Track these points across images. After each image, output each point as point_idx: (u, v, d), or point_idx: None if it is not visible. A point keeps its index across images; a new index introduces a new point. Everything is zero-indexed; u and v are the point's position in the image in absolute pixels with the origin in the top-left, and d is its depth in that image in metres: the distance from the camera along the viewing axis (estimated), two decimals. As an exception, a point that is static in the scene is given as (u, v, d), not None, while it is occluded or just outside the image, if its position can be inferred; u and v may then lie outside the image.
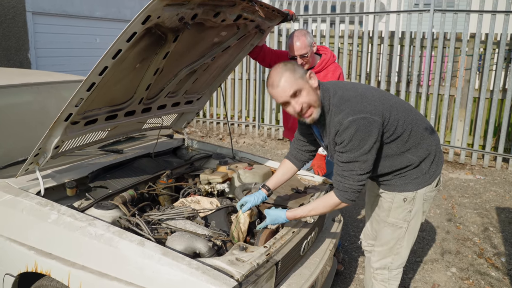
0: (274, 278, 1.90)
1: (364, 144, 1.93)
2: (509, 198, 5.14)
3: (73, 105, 1.92)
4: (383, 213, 2.29)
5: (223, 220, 2.18)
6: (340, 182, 2.02)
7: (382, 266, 2.35)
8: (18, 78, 3.04)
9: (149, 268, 1.68)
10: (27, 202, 2.03)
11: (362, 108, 1.95)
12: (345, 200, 2.03)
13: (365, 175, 2.00)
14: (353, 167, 1.97)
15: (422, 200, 2.20)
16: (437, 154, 2.22)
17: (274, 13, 2.60)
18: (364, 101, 1.99)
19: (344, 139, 1.94)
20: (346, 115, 1.94)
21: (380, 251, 2.35)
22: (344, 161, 1.99)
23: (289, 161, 2.44)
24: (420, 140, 2.13)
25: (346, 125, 1.92)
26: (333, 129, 2.00)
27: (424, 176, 2.17)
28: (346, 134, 1.92)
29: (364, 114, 1.94)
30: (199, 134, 8.19)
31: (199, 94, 3.08)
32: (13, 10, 7.45)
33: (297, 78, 1.96)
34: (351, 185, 1.99)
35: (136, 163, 2.76)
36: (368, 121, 1.93)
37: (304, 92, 1.97)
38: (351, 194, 2.01)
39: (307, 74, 2.02)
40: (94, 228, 1.85)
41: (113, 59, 1.81)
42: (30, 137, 2.52)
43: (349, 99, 2.00)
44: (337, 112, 1.99)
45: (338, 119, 1.96)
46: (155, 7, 1.71)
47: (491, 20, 5.86)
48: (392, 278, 2.36)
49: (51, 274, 1.84)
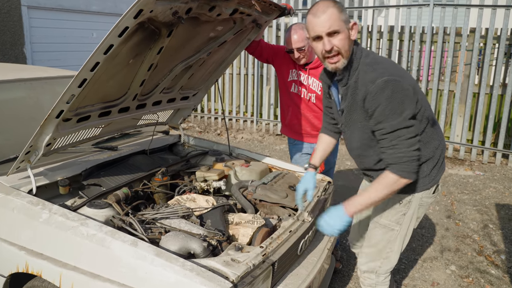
0: (271, 278, 1.86)
1: (404, 109, 1.80)
2: (509, 194, 5.11)
3: (64, 101, 1.88)
4: (375, 214, 2.23)
5: (219, 219, 2.14)
6: (390, 155, 1.87)
7: (369, 269, 2.28)
8: (12, 74, 2.98)
9: (142, 269, 1.64)
10: (18, 201, 1.98)
11: (398, 72, 1.86)
12: (403, 174, 1.85)
13: (415, 138, 1.85)
14: (399, 133, 1.83)
15: (417, 205, 2.13)
16: (440, 159, 2.13)
17: (271, 7, 2.54)
18: (399, 68, 1.90)
19: (380, 102, 1.81)
20: (381, 74, 1.83)
21: (368, 253, 2.28)
22: (388, 131, 1.85)
23: (325, 134, 2.38)
24: (429, 139, 2.04)
25: (380, 85, 1.80)
26: (363, 89, 1.87)
27: (424, 179, 2.08)
28: (382, 96, 1.80)
29: (400, 78, 1.83)
30: (197, 130, 8.14)
31: (195, 90, 3.03)
32: (8, 4, 7.37)
33: (341, 20, 1.85)
34: (403, 153, 1.84)
35: (131, 160, 2.72)
36: (403, 87, 1.81)
37: (340, 36, 1.86)
38: (407, 164, 1.84)
39: (351, 23, 1.90)
40: (86, 228, 1.81)
41: (105, 54, 1.76)
42: (24, 134, 2.47)
43: (383, 62, 1.91)
44: (369, 70, 1.87)
45: (371, 77, 1.84)
46: (147, 1, 1.66)
47: (491, 15, 5.80)
48: (379, 283, 2.29)
49: (42, 274, 1.80)
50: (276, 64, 3.23)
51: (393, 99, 1.79)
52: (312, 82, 3.07)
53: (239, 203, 2.42)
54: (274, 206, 2.37)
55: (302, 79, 3.09)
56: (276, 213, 2.37)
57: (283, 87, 3.26)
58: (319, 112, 3.16)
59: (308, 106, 3.16)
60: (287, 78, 3.17)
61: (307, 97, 3.13)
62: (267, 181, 2.56)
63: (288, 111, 3.28)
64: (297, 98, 3.17)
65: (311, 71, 3.06)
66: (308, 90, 3.10)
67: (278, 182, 2.58)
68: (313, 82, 3.07)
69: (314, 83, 3.07)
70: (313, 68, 3.06)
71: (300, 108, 3.19)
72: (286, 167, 2.99)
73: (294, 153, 3.38)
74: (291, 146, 3.42)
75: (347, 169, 5.96)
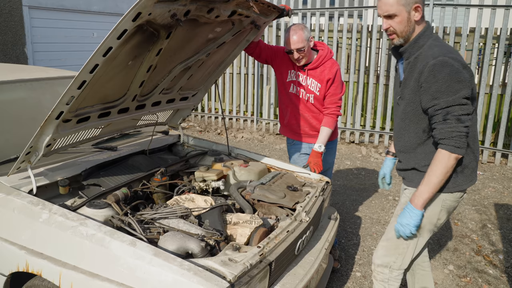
0: (268, 278, 1.88)
1: (461, 88, 1.87)
2: (508, 194, 5.12)
3: (64, 103, 1.89)
4: (399, 207, 2.26)
5: (217, 219, 2.16)
6: (441, 130, 1.92)
7: (384, 263, 2.31)
8: (12, 74, 3.00)
9: (140, 269, 1.66)
10: (19, 201, 2.01)
11: (460, 59, 1.92)
12: (452, 149, 1.90)
13: (467, 116, 1.89)
14: (452, 110, 1.89)
15: (439, 206, 2.13)
16: (471, 165, 2.11)
17: (269, 9, 2.56)
18: (463, 60, 1.95)
19: (438, 79, 1.88)
20: (444, 53, 1.91)
21: (385, 246, 2.30)
22: (442, 107, 1.90)
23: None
24: (470, 139, 2.04)
25: (441, 62, 1.88)
26: (423, 63, 1.95)
27: (448, 183, 2.07)
28: (441, 73, 1.87)
29: (461, 65, 1.90)
30: (197, 129, 8.16)
31: (195, 91, 3.05)
32: (9, 5, 7.40)
33: (400, 4, 1.98)
34: (453, 128, 1.89)
35: (131, 161, 2.74)
36: (462, 71, 1.88)
37: (397, 19, 2.01)
38: (456, 140, 1.89)
39: (414, 5, 2.00)
40: (86, 227, 1.83)
41: (104, 56, 1.78)
42: (24, 134, 2.49)
43: (450, 47, 1.99)
44: (434, 46, 1.96)
45: (433, 52, 1.93)
46: (146, 4, 1.68)
47: (491, 15, 5.81)
48: (392, 278, 2.32)
49: (42, 274, 1.82)
50: (275, 65, 3.25)
51: (451, 77, 1.87)
52: (311, 83, 3.09)
53: (237, 203, 2.44)
54: (272, 206, 2.38)
55: (301, 80, 3.11)
56: (274, 213, 2.39)
57: (281, 88, 3.28)
58: (317, 112, 3.18)
59: (307, 107, 3.18)
60: (286, 79, 3.19)
61: (305, 98, 3.14)
62: (265, 181, 2.58)
63: (287, 112, 3.30)
64: (296, 99, 3.19)
65: (310, 72, 3.08)
66: (306, 90, 3.12)
67: (277, 183, 2.60)
68: (312, 83, 3.09)
69: (312, 84, 3.09)
70: (312, 69, 3.07)
71: (298, 109, 3.21)
72: (284, 167, 3.01)
73: (292, 153, 3.40)
74: (289, 146, 3.44)
75: (346, 169, 5.98)
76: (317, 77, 3.08)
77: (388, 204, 4.71)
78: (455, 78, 1.87)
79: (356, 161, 6.37)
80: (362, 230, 4.07)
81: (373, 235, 3.97)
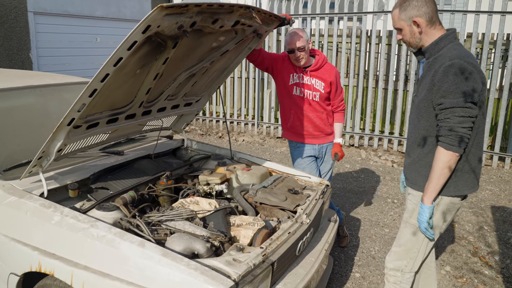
0: (270, 277, 1.96)
1: (468, 92, 1.94)
2: (504, 197, 5.21)
3: (76, 110, 1.98)
4: (406, 214, 2.33)
5: (221, 221, 2.24)
6: (442, 127, 2.02)
7: (396, 267, 2.39)
8: (21, 81, 3.09)
9: (149, 269, 1.74)
10: (31, 204, 2.09)
11: (476, 64, 2.01)
12: (447, 146, 2.00)
13: (469, 118, 1.97)
14: (455, 110, 1.98)
15: (445, 209, 2.21)
16: (475, 169, 2.18)
17: (271, 18, 2.65)
18: (481, 69, 2.05)
19: (449, 79, 1.97)
20: (460, 56, 2.00)
21: (397, 252, 2.38)
22: (446, 107, 2.00)
23: None
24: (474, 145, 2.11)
25: (456, 65, 1.96)
26: (439, 62, 2.04)
27: (449, 185, 2.14)
28: (453, 74, 1.96)
29: (477, 71, 1.98)
30: (199, 132, 8.25)
31: (198, 96, 3.14)
32: (15, 11, 7.50)
33: (401, 19, 2.17)
34: (452, 126, 1.98)
35: (137, 165, 2.82)
36: (475, 76, 1.96)
37: (403, 32, 2.19)
38: (452, 138, 1.98)
39: (413, 20, 2.12)
40: (96, 229, 1.92)
41: (114, 66, 1.87)
42: (33, 139, 2.59)
43: (469, 53, 2.07)
44: (452, 49, 2.06)
45: (451, 54, 2.02)
46: (155, 17, 1.77)
47: (488, 20, 5.92)
48: (404, 281, 2.40)
49: (55, 273, 1.90)
50: (276, 70, 3.36)
51: (462, 80, 1.95)
52: (315, 82, 3.29)
53: (240, 206, 2.52)
54: (274, 209, 2.47)
55: (306, 80, 3.28)
56: (276, 216, 2.47)
57: (283, 92, 3.39)
58: (321, 111, 3.33)
59: (311, 106, 3.32)
60: (288, 82, 3.32)
61: (311, 97, 3.30)
62: (267, 185, 2.66)
63: (290, 114, 3.41)
64: (300, 100, 3.33)
65: (312, 73, 3.28)
66: (312, 89, 3.30)
67: (278, 186, 2.69)
68: (316, 82, 3.29)
69: (317, 83, 3.29)
70: (314, 70, 3.28)
71: (302, 109, 3.34)
72: (285, 171, 3.09)
73: (296, 157, 3.49)
74: (293, 149, 3.53)
75: (346, 172, 6.06)
76: (320, 77, 3.29)
77: (387, 206, 4.79)
78: (465, 81, 1.95)
79: (355, 164, 6.45)
80: (361, 232, 4.15)
81: (372, 237, 4.05)
